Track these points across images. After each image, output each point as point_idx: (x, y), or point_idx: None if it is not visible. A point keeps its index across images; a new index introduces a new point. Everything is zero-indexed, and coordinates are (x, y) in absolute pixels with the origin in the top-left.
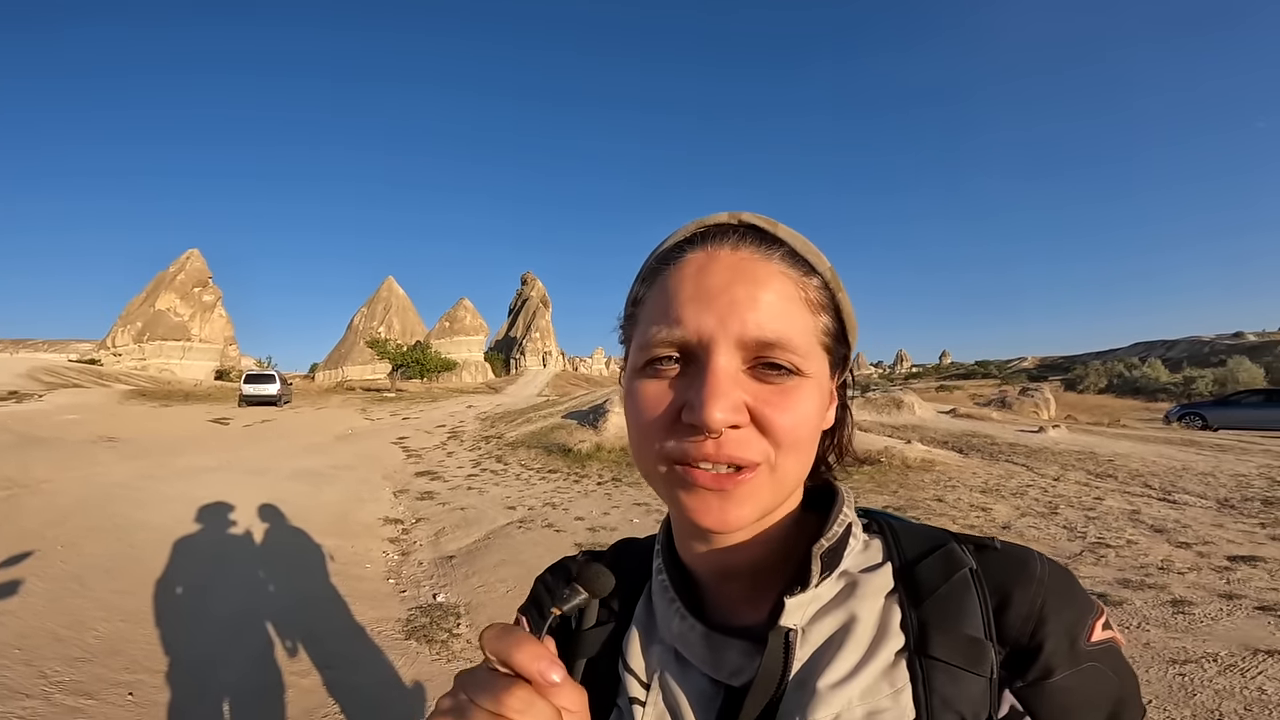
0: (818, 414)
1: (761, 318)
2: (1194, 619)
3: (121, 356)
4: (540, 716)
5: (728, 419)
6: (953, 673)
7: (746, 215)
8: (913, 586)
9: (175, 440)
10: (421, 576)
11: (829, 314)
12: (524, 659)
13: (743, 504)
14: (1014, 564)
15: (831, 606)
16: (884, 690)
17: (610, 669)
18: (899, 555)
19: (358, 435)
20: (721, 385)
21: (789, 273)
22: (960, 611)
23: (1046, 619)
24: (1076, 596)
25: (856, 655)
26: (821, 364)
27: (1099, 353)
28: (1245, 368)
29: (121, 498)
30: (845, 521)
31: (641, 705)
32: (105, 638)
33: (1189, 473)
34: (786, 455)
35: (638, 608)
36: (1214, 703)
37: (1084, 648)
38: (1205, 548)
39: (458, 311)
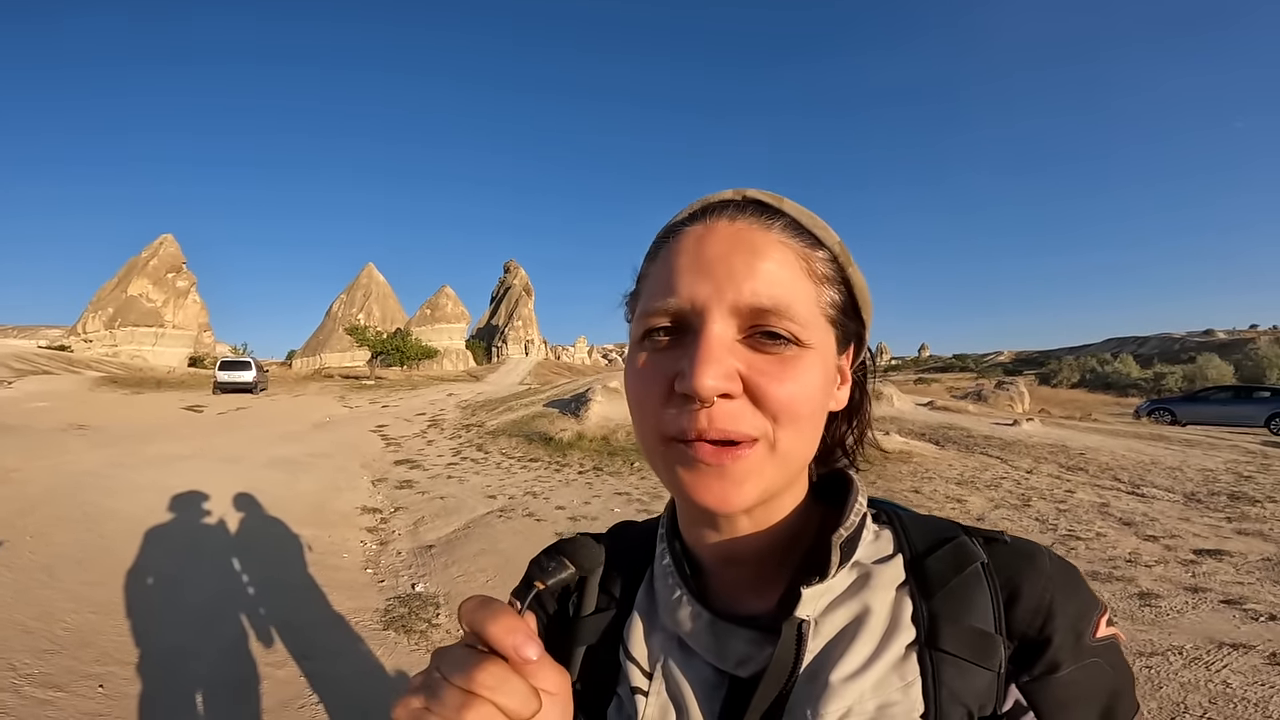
0: (821, 389)
1: (759, 284)
2: (1160, 612)
3: (92, 343)
4: (514, 695)
5: (719, 386)
6: (962, 666)
7: (751, 191)
8: (924, 579)
9: (147, 428)
10: (400, 566)
11: (836, 288)
12: (498, 632)
13: (742, 482)
14: (1023, 558)
15: (845, 598)
16: (895, 684)
17: (610, 657)
18: (909, 547)
19: (336, 423)
20: (713, 352)
21: (791, 243)
22: (971, 605)
23: (1054, 614)
24: (1083, 592)
25: (869, 648)
26: (826, 337)
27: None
28: (1214, 364)
29: (92, 486)
30: (861, 511)
31: (644, 695)
32: (75, 629)
33: (1157, 467)
34: (786, 430)
35: (639, 593)
36: (1179, 695)
37: (1089, 643)
38: (1172, 541)
39: (439, 299)
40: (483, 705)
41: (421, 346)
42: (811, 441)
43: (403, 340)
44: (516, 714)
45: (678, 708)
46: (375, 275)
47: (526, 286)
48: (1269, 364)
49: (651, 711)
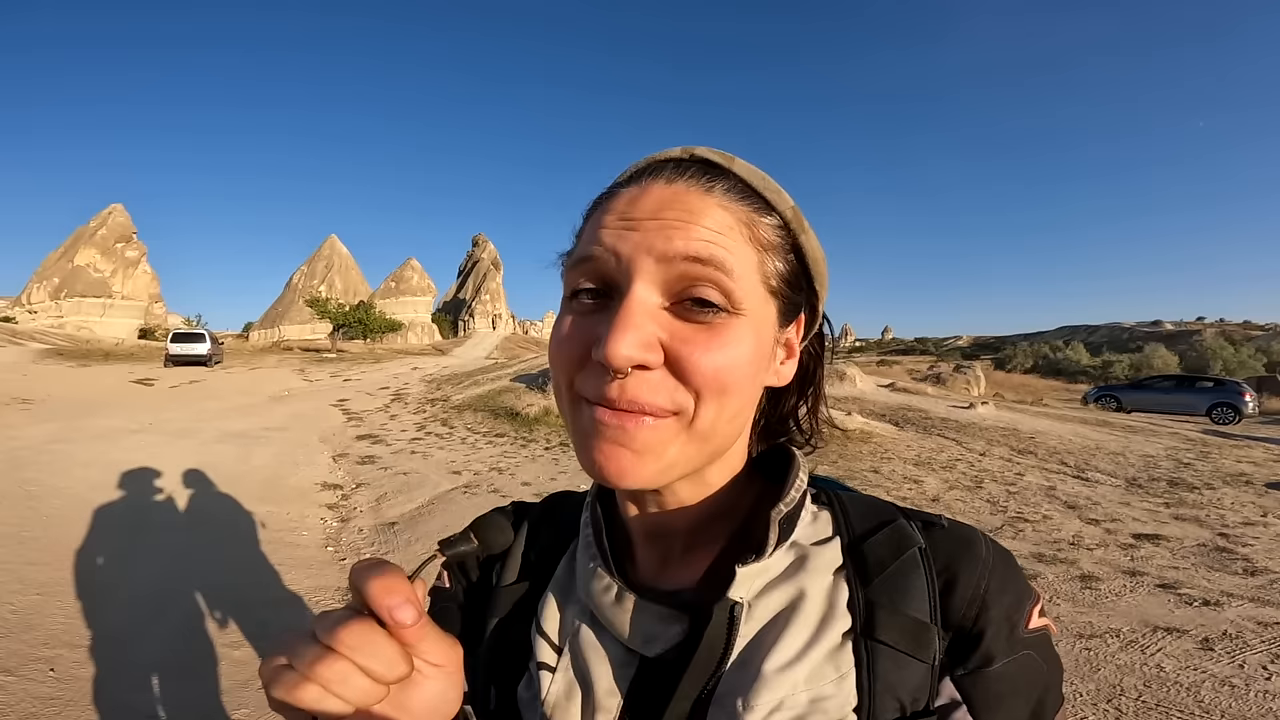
0: (751, 361)
1: (692, 237)
2: (1100, 594)
3: (37, 314)
4: (378, 658)
5: (634, 356)
6: (897, 658)
7: (700, 149)
8: (861, 564)
9: (94, 402)
10: (362, 544)
11: (784, 256)
12: (375, 592)
13: (644, 455)
14: (961, 544)
15: (781, 580)
16: (829, 675)
17: (524, 630)
18: (848, 530)
19: (294, 397)
20: (633, 318)
21: (733, 207)
22: (908, 592)
23: (989, 604)
24: (1017, 581)
25: (804, 636)
26: (764, 307)
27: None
28: (1160, 354)
29: (33, 463)
30: (802, 488)
31: (551, 671)
32: (20, 611)
33: (1101, 452)
34: (707, 405)
35: (560, 565)
36: (1116, 678)
37: (1021, 635)
38: (1113, 525)
39: (405, 271)
40: (339, 662)
41: (385, 319)
42: (737, 417)
43: (366, 313)
44: (379, 676)
45: (584, 685)
46: (338, 246)
47: (495, 260)
48: (1213, 355)
49: (556, 689)
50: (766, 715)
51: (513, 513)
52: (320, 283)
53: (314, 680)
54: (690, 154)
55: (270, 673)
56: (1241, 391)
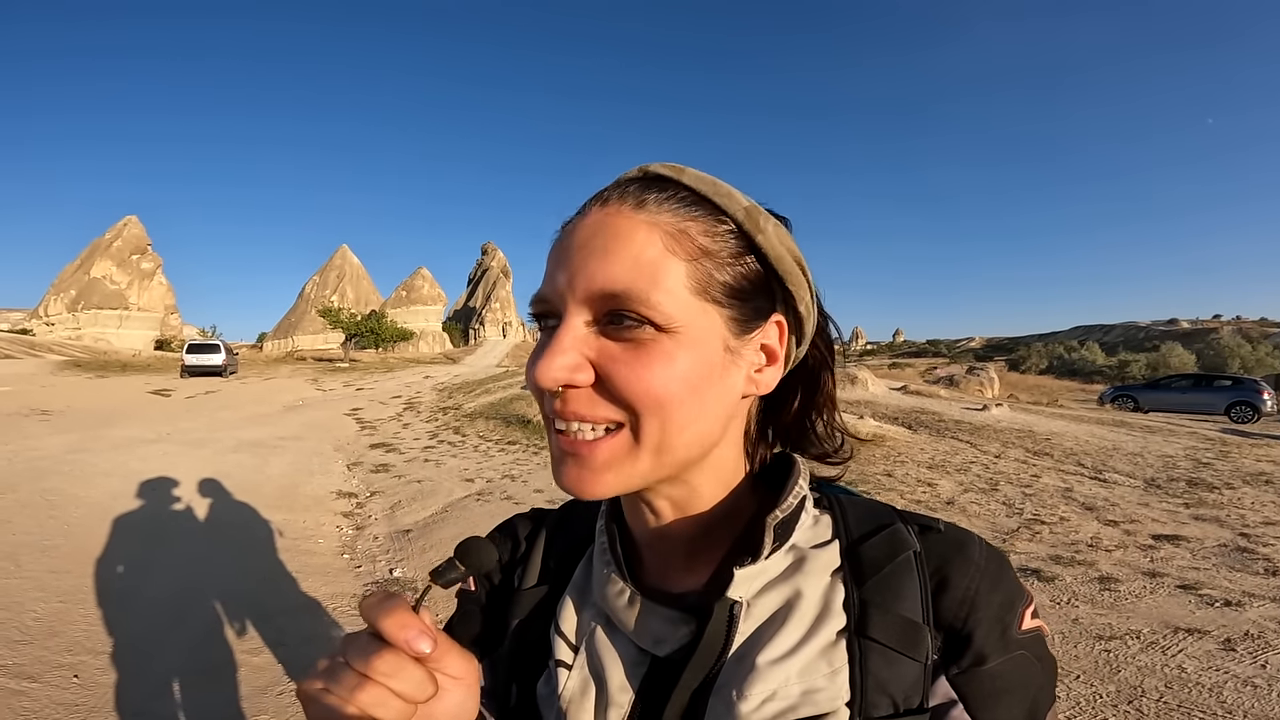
0: (689, 373)
1: (610, 269)
2: (1119, 596)
3: (55, 326)
4: (409, 682)
5: (559, 378)
6: (889, 655)
7: (653, 165)
8: (857, 566)
9: (112, 412)
10: (377, 551)
11: (729, 261)
12: (390, 627)
13: (600, 471)
14: (954, 547)
15: (778, 581)
16: (822, 669)
17: (544, 630)
18: (846, 533)
19: (308, 406)
20: (559, 344)
21: (661, 220)
22: (900, 593)
23: (979, 605)
24: (1009, 583)
25: (799, 633)
26: (701, 317)
27: (1041, 335)
28: (1177, 353)
29: (54, 472)
30: (800, 494)
31: (567, 669)
32: (44, 618)
33: (1119, 453)
34: (647, 419)
35: (578, 569)
36: (1137, 679)
37: (1014, 635)
38: (1132, 526)
39: (415, 281)
40: (376, 688)
41: (397, 329)
42: (689, 429)
43: (377, 322)
44: (410, 698)
45: (598, 682)
46: (349, 256)
47: (504, 268)
48: (1230, 353)
49: (572, 684)
50: (759, 704)
51: (531, 520)
52: (332, 293)
53: (353, 705)
54: (644, 171)
55: (309, 697)
56: (1260, 390)
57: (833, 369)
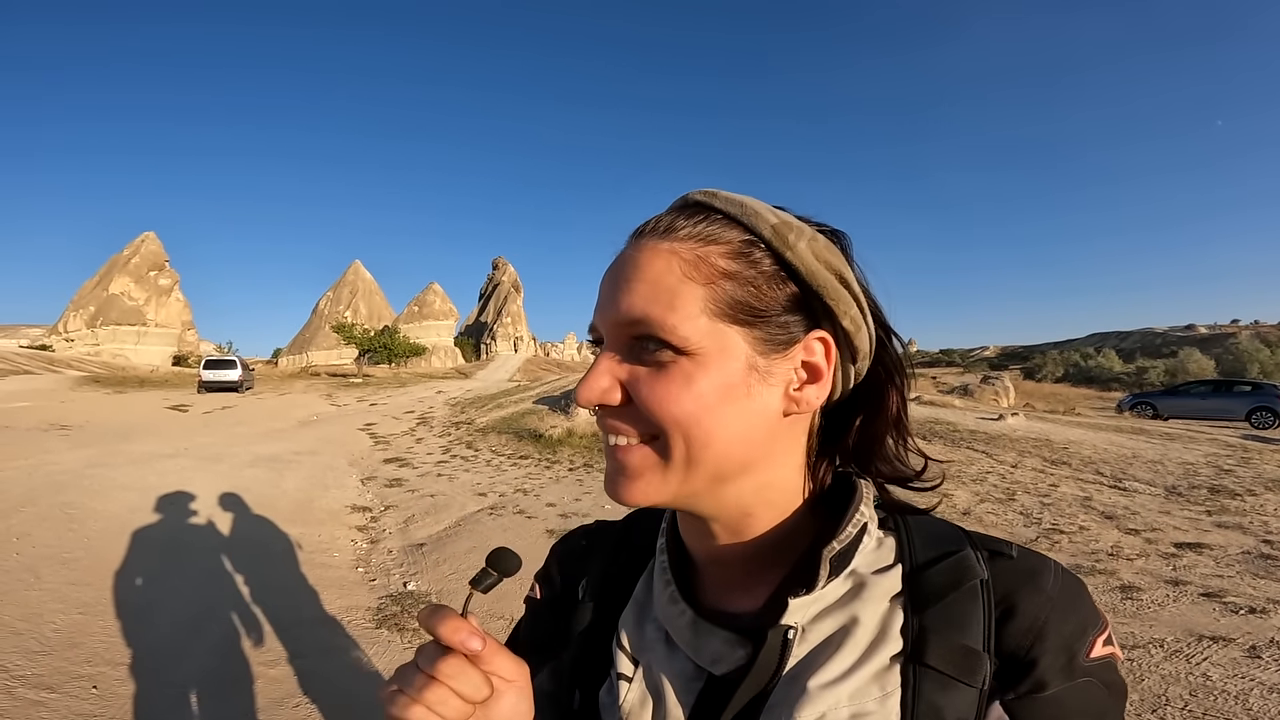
0: (707, 393)
1: (631, 298)
2: (1142, 605)
3: (74, 342)
4: (469, 682)
5: (593, 399)
6: (944, 681)
7: (692, 194)
8: (919, 592)
9: (130, 427)
10: (391, 564)
11: (755, 280)
12: (446, 631)
13: (633, 478)
14: (1025, 575)
15: (835, 607)
16: (873, 694)
17: (606, 641)
18: (911, 558)
19: (323, 421)
20: (595, 369)
21: (680, 248)
22: (962, 621)
23: (1047, 634)
24: (1082, 610)
25: (852, 657)
26: (723, 338)
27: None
28: (1195, 359)
29: (73, 486)
30: (860, 522)
31: (628, 681)
32: (63, 630)
33: (1138, 460)
34: (672, 436)
35: (639, 584)
36: (1160, 688)
37: (1081, 663)
38: (1153, 534)
39: (427, 296)
40: (439, 688)
41: (409, 344)
42: (719, 446)
43: (390, 338)
44: (469, 697)
45: (655, 697)
46: (362, 272)
47: (515, 283)
48: (1249, 358)
49: (632, 696)
50: None
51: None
52: (345, 308)
53: (421, 703)
54: (684, 200)
55: (388, 697)
56: None
57: (900, 387)
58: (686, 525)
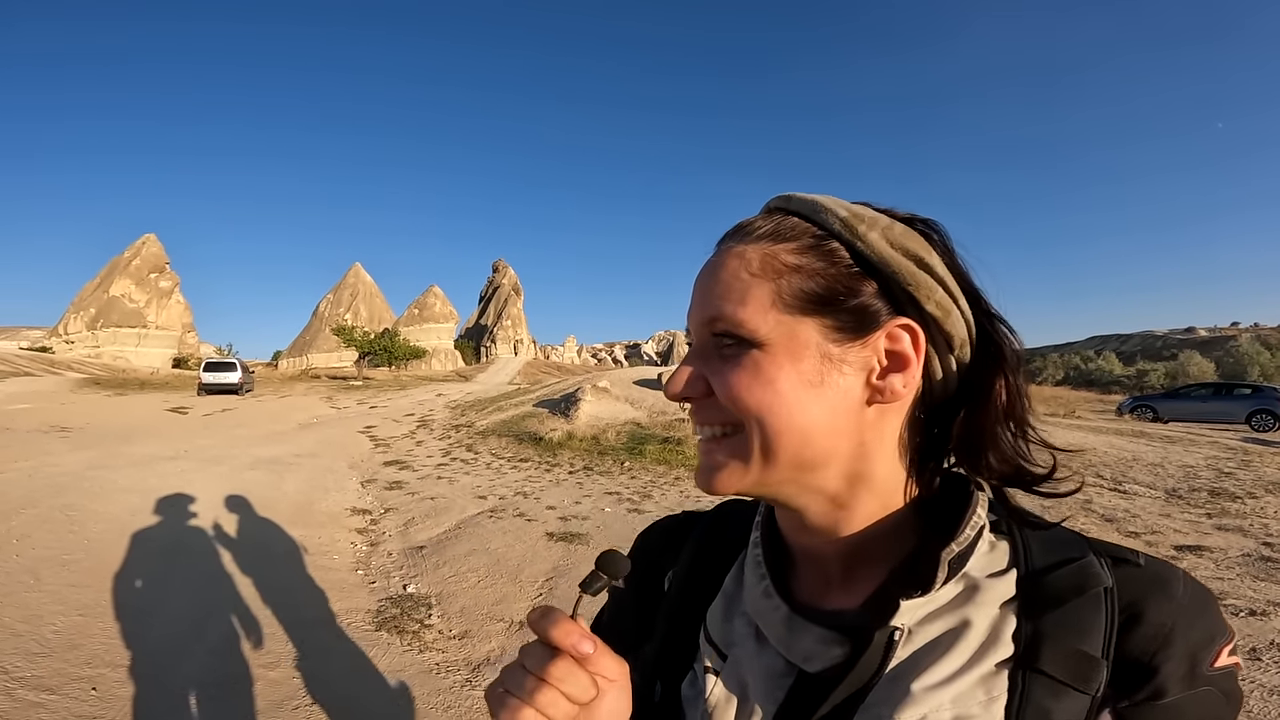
0: (779, 382)
1: (709, 298)
2: None
3: (74, 344)
4: (578, 684)
5: (680, 392)
6: (1055, 688)
7: (774, 198)
8: (1034, 597)
9: (130, 429)
10: (391, 567)
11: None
12: (558, 634)
13: (717, 468)
14: (1154, 584)
15: (945, 610)
16: (978, 698)
17: (693, 633)
18: (1026, 563)
19: (323, 424)
20: (682, 364)
21: (751, 249)
22: (1082, 629)
23: (1173, 641)
24: (1210, 620)
25: (959, 661)
26: (795, 327)
27: (1057, 345)
28: (1196, 361)
29: (73, 488)
30: (978, 525)
31: (714, 675)
32: (63, 632)
33: (1139, 463)
34: (750, 425)
35: (729, 576)
36: None
37: (1204, 671)
38: (1153, 537)
39: (427, 299)
40: (550, 690)
41: (409, 346)
42: (795, 434)
43: (390, 340)
44: (578, 699)
45: (742, 692)
46: (362, 275)
47: (515, 286)
48: (1249, 361)
49: (718, 691)
50: None
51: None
52: (346, 311)
53: (531, 704)
54: (766, 206)
55: (496, 699)
56: None
57: (1011, 374)
58: (783, 518)
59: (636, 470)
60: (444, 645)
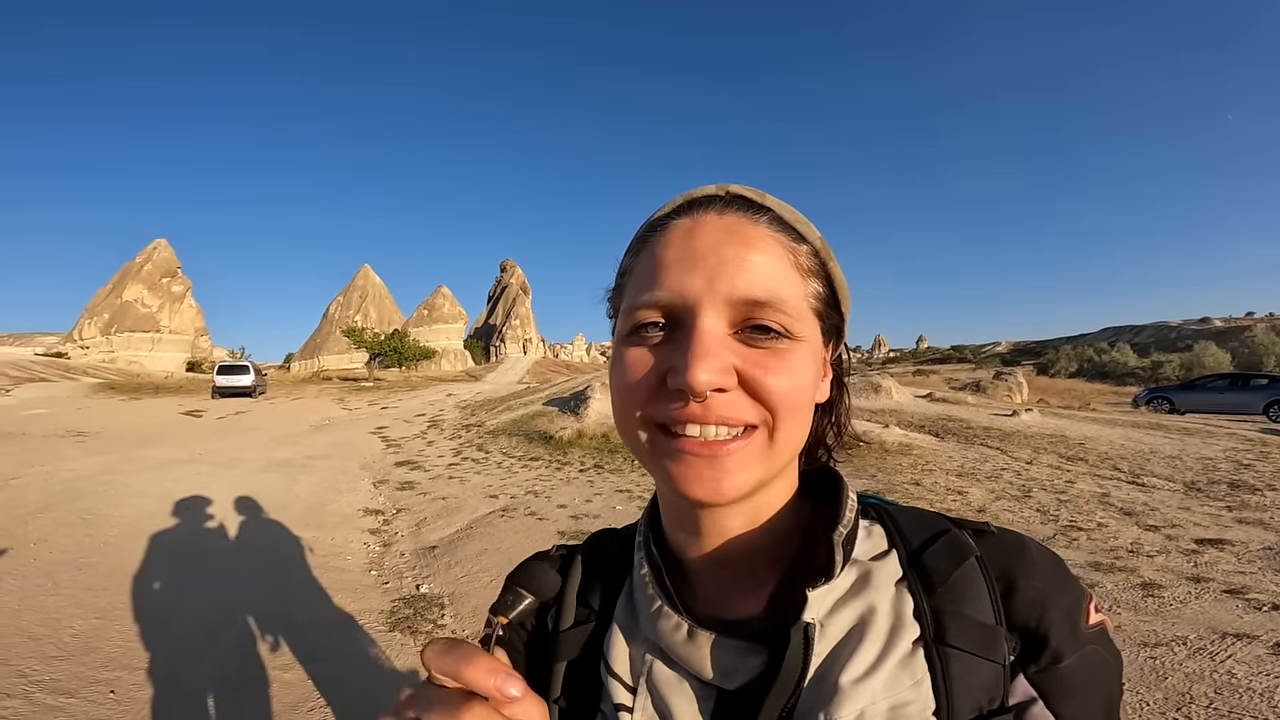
0: (813, 381)
1: (752, 277)
2: (1163, 602)
3: (89, 349)
4: None
5: (714, 380)
6: (969, 660)
7: (734, 186)
8: (923, 574)
9: (145, 433)
10: (404, 567)
11: (820, 280)
12: (477, 674)
13: (735, 472)
14: (1014, 550)
15: (848, 598)
16: (905, 682)
17: (592, 672)
18: (904, 542)
19: (334, 425)
20: (709, 346)
21: (778, 236)
22: (972, 599)
23: (1050, 605)
24: (1071, 582)
25: (877, 648)
26: (814, 330)
27: (1070, 337)
28: (1211, 352)
29: (89, 493)
30: (854, 507)
31: (629, 712)
32: (81, 635)
33: (1156, 456)
34: (784, 421)
35: (619, 604)
36: (1185, 686)
37: (1084, 631)
38: (1173, 531)
39: (436, 299)
40: None
41: (419, 347)
42: (803, 434)
43: (400, 341)
44: None
45: None
46: (371, 276)
47: (523, 285)
48: (1265, 351)
49: None
50: None
51: (559, 557)
52: (356, 313)
53: None
54: (726, 191)
55: None
56: None
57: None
58: (690, 524)
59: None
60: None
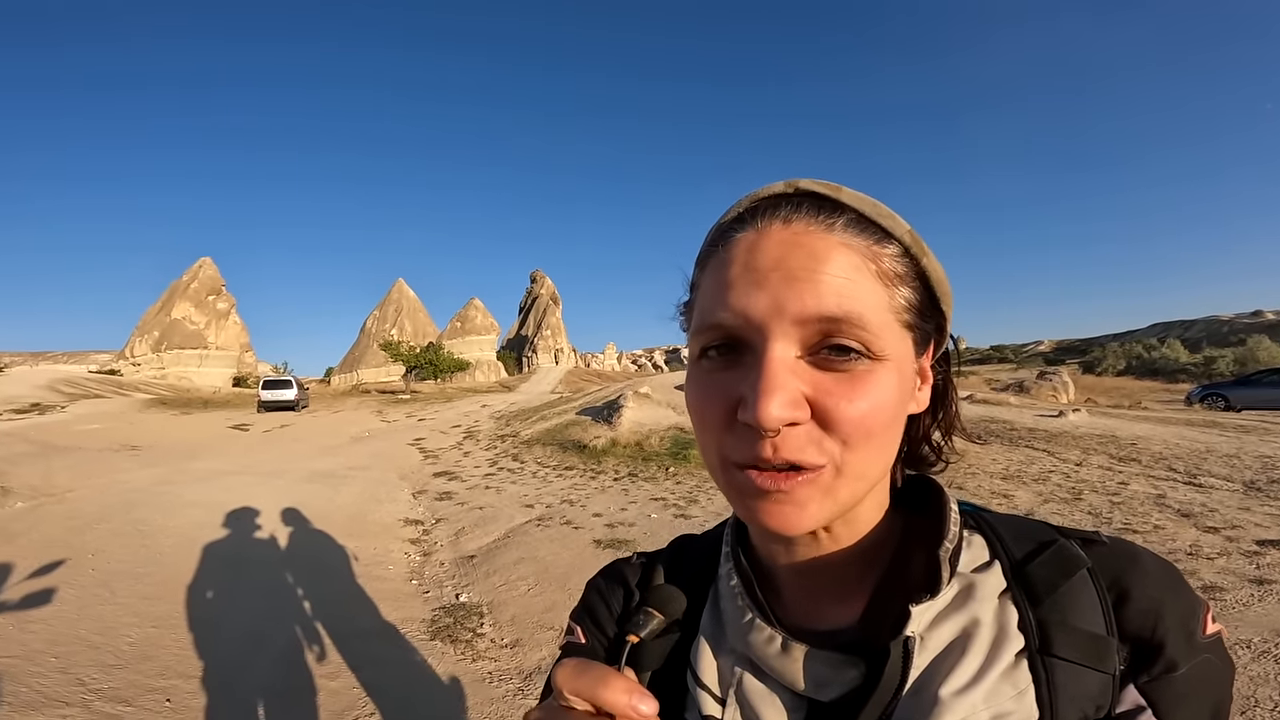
0: (897, 401)
1: (822, 295)
2: (1225, 605)
3: (140, 366)
4: None
5: (785, 416)
6: (1075, 670)
7: (804, 182)
8: (1029, 586)
9: (195, 446)
10: (443, 576)
11: (910, 285)
12: (613, 695)
13: (805, 505)
14: (1126, 560)
15: (950, 611)
16: (1007, 693)
17: (678, 682)
18: (1006, 553)
19: (374, 437)
20: (777, 378)
21: (854, 243)
22: (1080, 610)
23: (1164, 614)
24: (1187, 591)
25: (979, 660)
26: (902, 344)
27: (1116, 334)
28: (1265, 346)
29: (143, 504)
30: (957, 520)
31: None
32: (137, 644)
33: (1213, 455)
34: (855, 451)
35: (704, 614)
36: (1250, 689)
37: (1200, 640)
38: (1234, 532)
39: (468, 311)
40: None
41: (454, 359)
42: (886, 457)
43: (435, 354)
44: None
45: None
46: (405, 290)
47: (554, 295)
48: None
49: None
50: None
51: (639, 565)
52: (391, 326)
53: None
54: (795, 188)
55: None
56: None
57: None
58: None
59: (681, 475)
60: (496, 654)
